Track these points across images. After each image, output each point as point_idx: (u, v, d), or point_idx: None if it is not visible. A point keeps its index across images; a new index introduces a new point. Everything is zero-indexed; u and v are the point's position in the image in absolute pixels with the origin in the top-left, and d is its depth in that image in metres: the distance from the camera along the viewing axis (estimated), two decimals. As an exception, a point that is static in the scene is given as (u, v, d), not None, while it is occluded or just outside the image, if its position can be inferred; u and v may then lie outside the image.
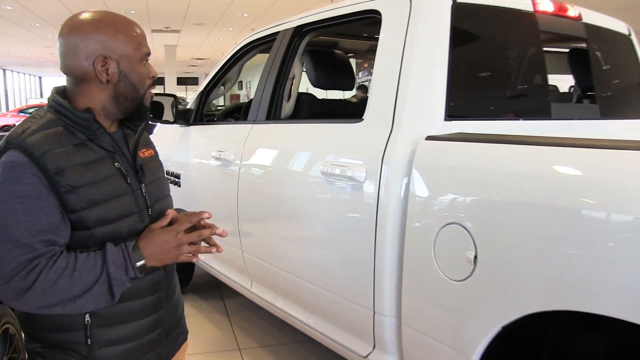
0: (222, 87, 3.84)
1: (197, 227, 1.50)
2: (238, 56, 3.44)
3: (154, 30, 17.38)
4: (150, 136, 1.71)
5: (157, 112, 3.47)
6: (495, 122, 2.19)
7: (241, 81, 28.62)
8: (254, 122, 2.93)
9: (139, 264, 1.37)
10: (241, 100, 22.80)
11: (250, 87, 27.72)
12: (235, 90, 28.51)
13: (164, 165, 1.72)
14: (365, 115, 2.15)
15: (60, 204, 1.31)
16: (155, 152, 1.67)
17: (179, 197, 3.36)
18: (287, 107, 2.86)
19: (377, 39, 2.19)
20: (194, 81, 35.68)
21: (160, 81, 21.83)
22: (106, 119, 1.46)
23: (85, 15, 1.41)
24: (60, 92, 1.45)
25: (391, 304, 1.95)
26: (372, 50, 3.76)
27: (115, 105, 1.45)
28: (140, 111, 1.52)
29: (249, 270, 2.92)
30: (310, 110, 2.88)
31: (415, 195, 1.83)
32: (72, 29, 1.40)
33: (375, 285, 1.98)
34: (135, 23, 1.48)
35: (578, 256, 1.37)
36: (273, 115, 2.85)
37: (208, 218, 1.51)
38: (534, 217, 1.47)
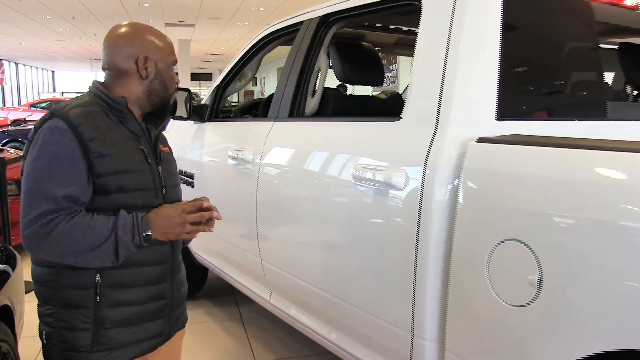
0: (240, 82, 3.62)
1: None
2: (257, 48, 3.22)
3: (167, 24, 17.18)
4: (163, 133, 1.83)
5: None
6: (551, 122, 1.96)
7: (256, 77, 28.41)
8: (275, 119, 2.70)
9: (145, 233, 1.56)
10: (255, 97, 22.66)
11: (264, 84, 27.51)
12: (249, 86, 28.35)
13: (176, 163, 1.88)
14: (404, 113, 1.92)
15: (89, 169, 1.53)
16: (170, 150, 1.87)
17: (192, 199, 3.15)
18: (312, 103, 2.64)
19: (410, 31, 1.96)
20: (207, 77, 35.61)
21: (174, 76, 21.66)
22: (137, 109, 1.70)
23: (129, 25, 1.72)
24: (100, 83, 1.70)
25: (433, 327, 1.73)
26: (400, 44, 3.53)
27: (147, 99, 1.70)
28: (165, 110, 1.76)
29: (268, 280, 2.70)
30: (337, 107, 2.65)
31: (465, 205, 1.60)
32: (120, 34, 1.69)
33: (415, 305, 1.76)
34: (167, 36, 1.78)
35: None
36: (296, 112, 2.62)
37: (207, 205, 1.69)
38: (613, 235, 1.25)
